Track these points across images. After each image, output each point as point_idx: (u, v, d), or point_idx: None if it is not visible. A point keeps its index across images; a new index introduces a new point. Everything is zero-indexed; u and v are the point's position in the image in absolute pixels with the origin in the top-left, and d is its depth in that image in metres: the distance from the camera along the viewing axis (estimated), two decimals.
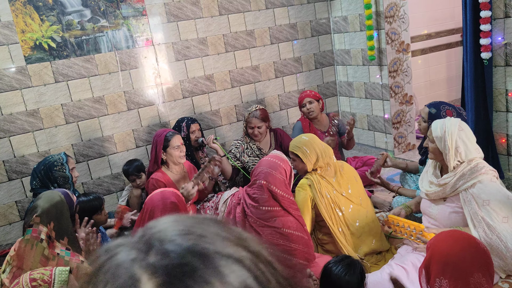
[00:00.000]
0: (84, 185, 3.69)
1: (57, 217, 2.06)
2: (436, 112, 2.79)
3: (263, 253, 0.48)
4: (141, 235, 0.48)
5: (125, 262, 0.44)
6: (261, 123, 3.52)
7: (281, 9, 4.38)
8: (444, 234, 1.62)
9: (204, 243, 0.45)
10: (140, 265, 0.43)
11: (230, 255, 0.44)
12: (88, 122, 3.65)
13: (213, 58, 4.11)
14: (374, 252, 2.64)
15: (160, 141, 3.04)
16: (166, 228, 0.47)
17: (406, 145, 4.39)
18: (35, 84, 3.41)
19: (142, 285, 0.41)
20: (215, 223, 0.50)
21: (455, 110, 2.80)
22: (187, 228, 0.47)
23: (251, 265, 0.45)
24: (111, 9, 3.60)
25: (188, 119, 3.63)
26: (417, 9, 4.93)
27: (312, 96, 3.69)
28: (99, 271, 0.45)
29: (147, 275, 0.42)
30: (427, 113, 2.83)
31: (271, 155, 2.56)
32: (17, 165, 3.42)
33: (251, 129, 3.54)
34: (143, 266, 0.43)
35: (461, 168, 2.28)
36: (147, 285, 0.41)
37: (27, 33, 3.33)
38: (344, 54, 4.62)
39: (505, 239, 2.13)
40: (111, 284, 0.43)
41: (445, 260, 1.49)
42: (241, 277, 0.43)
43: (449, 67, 5.49)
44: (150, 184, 3.00)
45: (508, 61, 3.09)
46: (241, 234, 0.49)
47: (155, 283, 0.41)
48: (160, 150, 3.03)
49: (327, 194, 2.59)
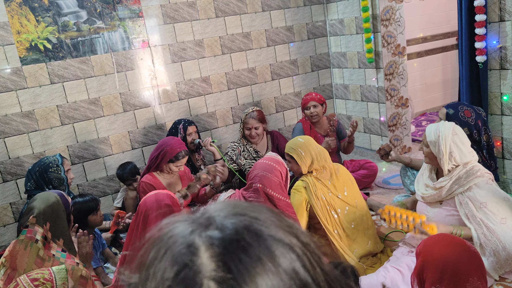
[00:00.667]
0: (79, 187, 3.68)
1: (53, 218, 2.05)
2: (454, 112, 2.74)
3: (312, 245, 0.51)
4: (202, 212, 0.52)
5: (185, 232, 0.48)
6: (258, 123, 3.52)
7: (277, 11, 4.39)
8: (434, 239, 1.60)
9: (259, 225, 0.48)
10: (200, 236, 0.47)
11: (282, 240, 0.48)
12: (84, 124, 3.63)
13: (210, 60, 4.10)
14: (369, 254, 2.64)
15: (170, 154, 2.99)
16: (225, 208, 0.52)
17: (402, 148, 4.40)
18: (31, 85, 3.39)
19: (200, 253, 0.45)
20: (269, 211, 0.53)
21: (473, 110, 2.74)
22: (244, 210, 0.51)
23: (300, 253, 0.48)
24: (107, 10, 3.59)
25: (185, 121, 3.62)
26: (413, 12, 4.95)
27: (317, 100, 3.66)
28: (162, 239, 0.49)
29: (205, 245, 0.46)
30: (444, 114, 2.78)
31: (266, 157, 2.56)
32: (12, 166, 3.41)
33: (248, 130, 3.54)
34: (202, 237, 0.47)
35: (457, 171, 2.29)
36: (205, 254, 0.45)
37: (23, 34, 3.31)
38: (340, 57, 4.63)
39: (503, 240, 2.14)
40: (171, 251, 0.47)
41: (442, 267, 1.47)
42: (291, 261, 0.46)
43: (445, 70, 5.52)
44: (141, 187, 3.00)
45: (503, 64, 3.11)
46: (293, 224, 0.53)
47: (212, 253, 0.45)
48: (165, 161, 3.01)
49: (323, 196, 2.59)
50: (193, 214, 0.52)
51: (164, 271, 0.46)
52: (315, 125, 3.76)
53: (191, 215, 0.52)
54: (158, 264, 0.47)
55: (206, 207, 0.53)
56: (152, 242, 0.50)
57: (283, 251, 0.46)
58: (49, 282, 1.62)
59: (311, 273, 0.47)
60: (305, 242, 0.50)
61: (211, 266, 0.44)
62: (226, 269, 0.44)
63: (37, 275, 1.63)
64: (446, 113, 2.78)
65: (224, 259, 0.44)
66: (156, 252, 0.48)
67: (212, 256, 0.45)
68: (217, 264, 0.44)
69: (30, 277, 1.62)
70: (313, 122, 3.73)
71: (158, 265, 0.47)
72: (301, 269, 0.46)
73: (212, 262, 0.44)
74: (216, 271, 0.43)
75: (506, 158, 3.26)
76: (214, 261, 0.44)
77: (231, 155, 3.57)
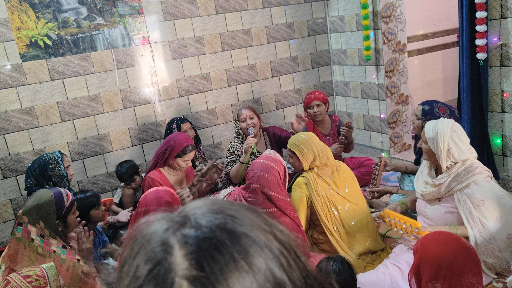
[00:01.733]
0: (80, 183, 3.68)
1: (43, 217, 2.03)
2: (429, 108, 2.81)
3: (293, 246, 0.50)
4: (180, 211, 0.52)
5: (160, 230, 0.48)
6: (251, 112, 3.49)
7: (278, 8, 4.38)
8: (431, 236, 1.61)
9: (235, 224, 0.48)
10: (174, 234, 0.47)
11: (258, 239, 0.47)
12: (84, 120, 3.63)
13: (210, 57, 4.10)
14: (369, 251, 2.64)
15: (177, 148, 2.99)
16: (203, 206, 0.51)
17: (402, 145, 4.40)
18: (31, 82, 3.39)
19: (174, 251, 0.45)
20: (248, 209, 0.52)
21: (447, 107, 2.83)
22: (221, 209, 0.51)
23: (277, 252, 0.47)
24: (107, 7, 3.58)
25: (178, 119, 3.60)
26: (414, 9, 4.94)
27: (320, 99, 3.63)
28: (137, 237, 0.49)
29: (180, 244, 0.46)
30: (420, 110, 2.86)
31: (263, 156, 2.54)
32: (12, 163, 3.41)
33: (243, 122, 3.48)
34: (177, 235, 0.47)
35: (456, 168, 2.29)
36: (178, 253, 0.45)
37: (23, 31, 3.31)
38: (340, 54, 4.63)
39: (498, 239, 2.15)
40: (144, 248, 0.47)
41: (438, 264, 1.48)
42: (266, 261, 0.45)
43: (445, 67, 5.51)
44: (146, 182, 2.99)
45: (504, 61, 3.11)
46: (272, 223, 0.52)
47: (185, 252, 0.45)
48: (173, 156, 3.01)
49: (323, 193, 2.59)
50: (171, 212, 0.52)
51: (137, 268, 0.45)
52: (318, 124, 3.73)
53: (168, 213, 0.51)
54: (132, 261, 0.47)
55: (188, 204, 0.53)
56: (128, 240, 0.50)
57: (258, 250, 0.46)
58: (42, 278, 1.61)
59: (288, 272, 0.46)
60: (284, 241, 0.49)
61: (184, 265, 0.44)
62: (199, 267, 0.43)
63: (28, 272, 1.63)
64: (422, 109, 2.85)
65: (197, 257, 0.44)
66: (131, 250, 0.48)
67: (185, 255, 0.44)
68: (190, 263, 0.44)
69: (22, 275, 1.61)
70: (316, 121, 3.71)
71: (131, 262, 0.47)
72: (277, 268, 0.45)
73: (186, 260, 0.44)
74: (189, 270, 0.43)
75: (507, 156, 3.26)
76: (187, 259, 0.44)
77: (237, 153, 3.51)
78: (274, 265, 0.45)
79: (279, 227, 0.52)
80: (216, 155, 4.27)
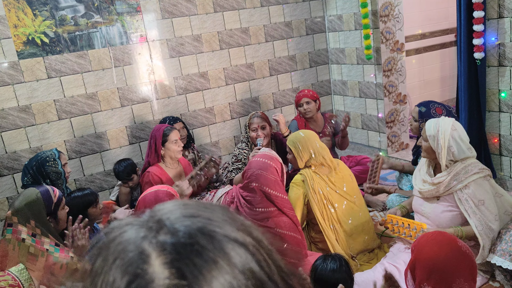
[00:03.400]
0: (77, 181, 3.67)
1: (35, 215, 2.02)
2: (426, 110, 2.81)
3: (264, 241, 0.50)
4: (150, 215, 0.49)
5: (135, 238, 0.45)
6: (264, 122, 3.36)
7: (276, 7, 4.37)
8: (428, 237, 1.61)
9: (213, 226, 0.46)
10: (150, 242, 0.44)
11: (236, 239, 0.46)
12: (81, 119, 3.62)
13: (208, 55, 4.09)
14: (366, 250, 2.64)
15: (159, 135, 3.04)
16: (176, 210, 0.49)
17: (399, 144, 4.41)
18: (28, 80, 3.38)
19: (151, 260, 0.43)
20: (221, 209, 0.51)
21: (444, 107, 2.82)
22: (196, 211, 0.49)
23: (254, 250, 0.46)
24: (105, 5, 3.57)
25: (170, 119, 3.60)
26: (412, 8, 4.94)
27: (309, 96, 3.65)
28: (109, 246, 0.46)
29: (157, 252, 0.43)
30: (417, 112, 2.86)
31: (260, 154, 2.53)
32: (9, 161, 3.40)
33: (253, 132, 3.34)
34: (153, 243, 0.44)
35: (455, 167, 2.29)
36: (156, 261, 0.42)
37: (20, 28, 3.29)
38: (338, 53, 4.62)
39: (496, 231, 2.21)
40: (120, 259, 0.44)
41: (430, 267, 1.48)
42: (245, 260, 0.45)
43: (443, 67, 5.52)
44: (145, 177, 2.99)
45: (501, 61, 3.11)
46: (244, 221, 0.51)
47: (163, 260, 0.43)
48: (159, 145, 3.03)
49: (320, 190, 2.59)
50: (141, 217, 0.49)
51: (113, 281, 0.43)
52: (310, 122, 3.75)
53: (139, 218, 0.49)
54: (108, 273, 0.44)
55: (155, 208, 0.50)
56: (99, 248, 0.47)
57: (238, 251, 0.45)
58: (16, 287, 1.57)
59: (266, 270, 0.46)
60: (259, 239, 0.49)
61: (164, 274, 0.42)
62: (180, 275, 0.41)
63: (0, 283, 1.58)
64: (419, 111, 2.84)
65: (178, 265, 0.42)
66: (104, 260, 0.45)
67: (164, 263, 0.42)
68: (170, 271, 0.42)
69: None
70: (306, 119, 3.72)
71: (107, 274, 0.43)
72: (256, 267, 0.45)
73: (165, 269, 0.42)
74: (170, 279, 0.41)
75: (503, 155, 3.27)
76: (167, 268, 0.42)
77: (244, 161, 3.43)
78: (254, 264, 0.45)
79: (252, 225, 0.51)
80: (214, 154, 4.26)
